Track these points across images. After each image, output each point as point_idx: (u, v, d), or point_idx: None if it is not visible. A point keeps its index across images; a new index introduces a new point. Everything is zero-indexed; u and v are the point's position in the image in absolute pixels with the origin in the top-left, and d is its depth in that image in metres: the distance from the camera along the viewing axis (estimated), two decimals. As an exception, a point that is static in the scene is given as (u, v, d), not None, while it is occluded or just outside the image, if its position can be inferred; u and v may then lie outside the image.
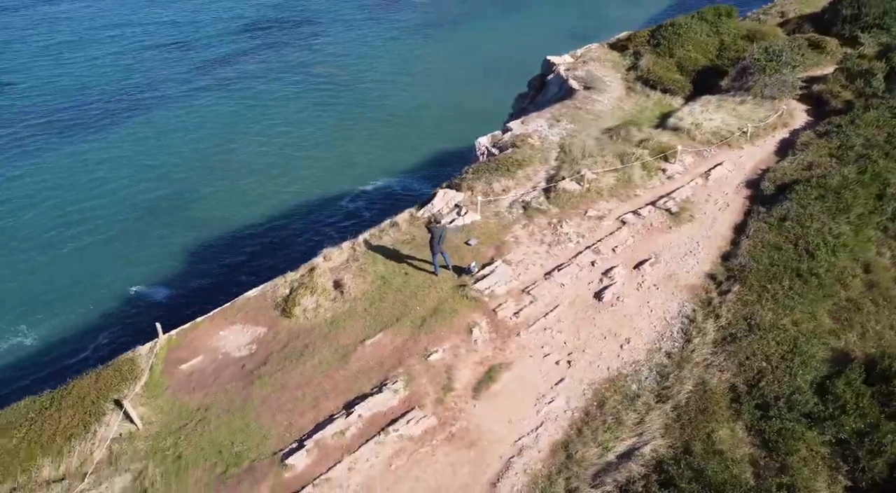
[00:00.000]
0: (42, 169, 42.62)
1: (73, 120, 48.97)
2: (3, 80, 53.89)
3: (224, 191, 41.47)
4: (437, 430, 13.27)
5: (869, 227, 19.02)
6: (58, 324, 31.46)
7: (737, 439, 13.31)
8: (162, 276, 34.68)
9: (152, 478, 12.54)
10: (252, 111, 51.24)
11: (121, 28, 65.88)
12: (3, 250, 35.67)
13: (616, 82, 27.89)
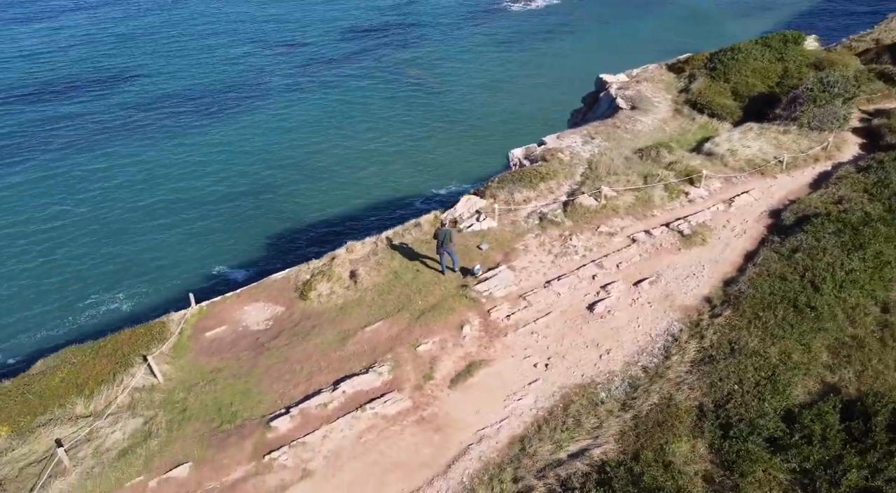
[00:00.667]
0: (155, 153, 46.62)
1: (185, 110, 53.00)
2: (130, 73, 58.87)
3: (309, 184, 43.70)
4: (410, 412, 14.52)
5: (892, 266, 18.79)
6: (143, 291, 34.56)
7: (696, 454, 13.82)
8: (244, 259, 37.27)
9: (158, 424, 14.44)
10: (344, 110, 53.66)
11: (236, 25, 70.36)
12: (117, 222, 39.46)
13: (664, 103, 28.18)
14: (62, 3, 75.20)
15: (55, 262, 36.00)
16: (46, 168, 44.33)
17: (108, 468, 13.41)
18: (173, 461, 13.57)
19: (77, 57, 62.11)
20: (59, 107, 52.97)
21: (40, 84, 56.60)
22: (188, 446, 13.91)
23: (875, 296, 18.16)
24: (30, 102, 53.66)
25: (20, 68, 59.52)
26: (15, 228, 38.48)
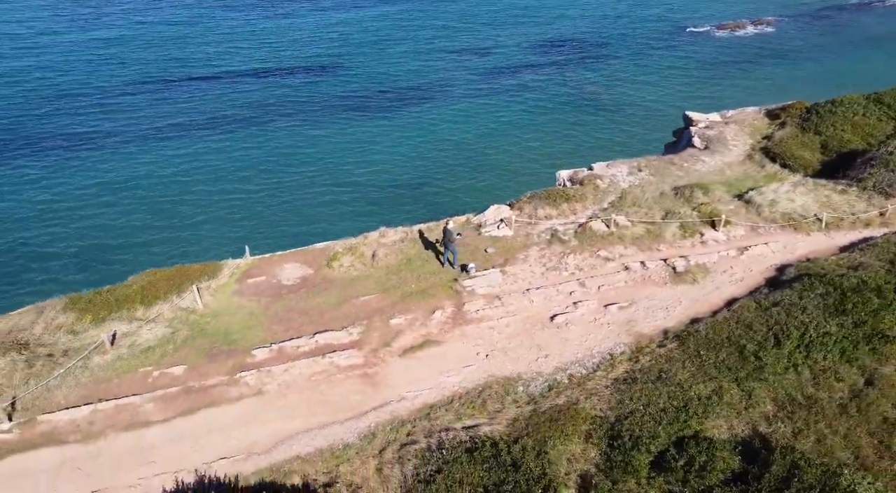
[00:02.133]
0: (337, 141, 52.55)
1: (371, 104, 58.55)
2: (333, 71, 65.89)
3: (465, 184, 46.65)
4: (358, 367, 17.65)
5: (882, 340, 18.53)
6: (233, 239, 40.07)
7: (585, 456, 15.57)
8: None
9: (179, 336, 18.89)
10: (514, 120, 55.71)
11: (432, 30, 75.55)
12: (286, 192, 46.21)
13: (740, 148, 28.32)
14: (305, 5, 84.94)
15: (177, 215, 43.16)
16: (219, 143, 52.20)
17: (132, 356, 18.06)
18: (176, 361, 17.90)
19: (290, 49, 70.35)
20: (272, 90, 60.67)
21: (265, 68, 64.98)
22: (191, 355, 18.19)
23: (862, 365, 18.20)
24: (241, 83, 62.11)
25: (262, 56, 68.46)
26: (159, 187, 46.44)
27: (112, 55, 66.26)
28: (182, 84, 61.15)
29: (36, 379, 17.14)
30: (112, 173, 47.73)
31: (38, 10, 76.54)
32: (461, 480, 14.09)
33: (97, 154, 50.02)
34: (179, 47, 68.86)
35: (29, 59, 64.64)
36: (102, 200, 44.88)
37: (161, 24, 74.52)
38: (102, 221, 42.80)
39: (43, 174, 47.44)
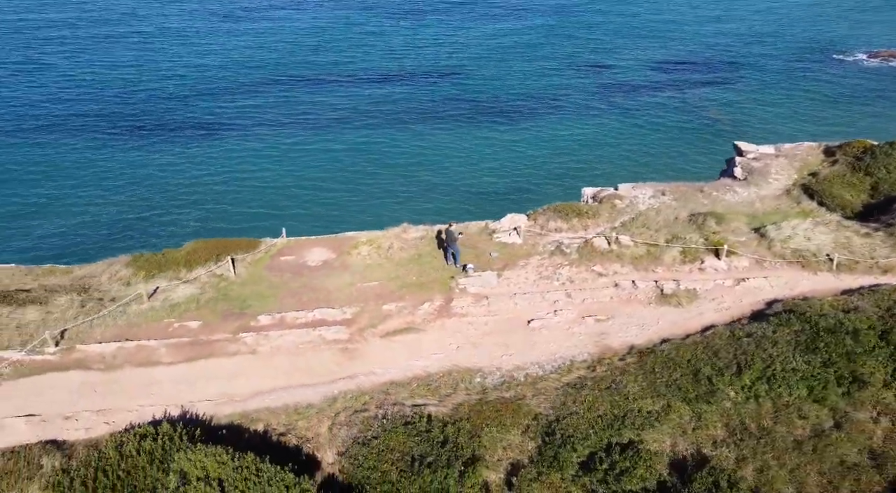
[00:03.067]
0: (439, 144, 54.79)
1: (481, 112, 59.70)
2: (450, 78, 67.62)
3: (553, 192, 47.04)
4: (341, 342, 19.88)
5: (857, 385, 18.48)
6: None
7: (523, 447, 16.98)
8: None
9: (203, 297, 21.91)
10: (623, 137, 55.02)
11: (555, 45, 75.42)
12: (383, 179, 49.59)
13: (781, 182, 28.05)
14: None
15: (272, 199, 47.14)
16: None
17: (162, 309, 21.28)
18: (195, 317, 20.90)
19: (421, 54, 73.42)
20: (390, 93, 63.41)
21: (388, 73, 68.00)
22: (207, 313, 21.15)
23: (833, 406, 18.33)
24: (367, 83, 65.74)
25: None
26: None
27: (252, 55, 71.25)
28: (308, 84, 65.19)
29: (84, 316, 20.69)
30: (226, 158, 52.50)
31: (203, 16, 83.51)
32: (391, 447, 15.97)
33: (219, 142, 54.69)
34: (312, 50, 72.93)
35: (183, 57, 71.19)
36: (210, 181, 49.69)
37: (300, 29, 79.31)
38: (206, 198, 47.52)
39: (171, 155, 52.70)
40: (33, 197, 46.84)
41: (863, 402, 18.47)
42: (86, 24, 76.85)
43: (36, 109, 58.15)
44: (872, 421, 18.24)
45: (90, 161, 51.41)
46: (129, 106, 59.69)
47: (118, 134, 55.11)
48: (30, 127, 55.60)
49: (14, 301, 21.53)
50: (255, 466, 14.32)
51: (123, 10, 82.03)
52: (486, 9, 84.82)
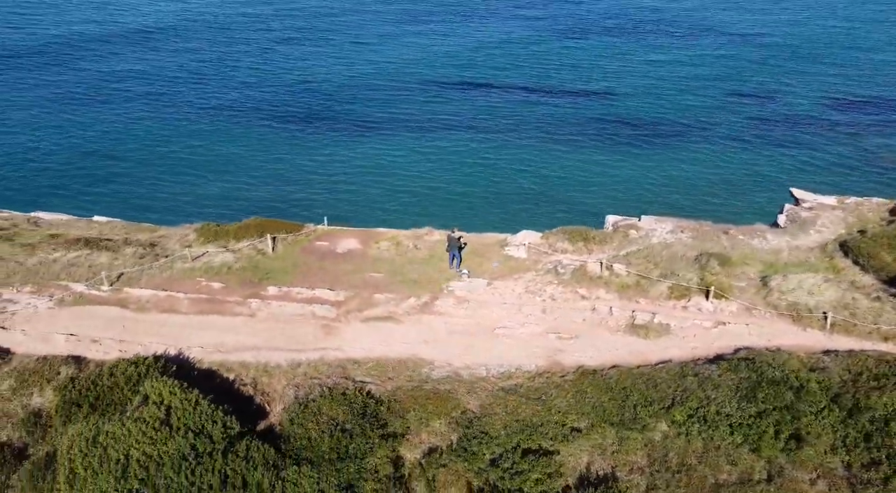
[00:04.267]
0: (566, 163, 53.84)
1: (621, 133, 57.83)
2: (596, 97, 65.89)
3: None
4: (326, 319, 22.65)
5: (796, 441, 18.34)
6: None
7: (445, 435, 18.87)
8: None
9: (236, 265, 25.61)
10: (762, 172, 51.83)
11: (724, 69, 70.61)
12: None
13: (822, 235, 26.95)
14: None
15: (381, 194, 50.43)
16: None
17: (199, 270, 25.26)
18: (220, 280, 24.64)
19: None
20: (538, 106, 63.17)
21: (539, 86, 67.58)
22: (232, 278, 24.81)
23: (771, 459, 18.41)
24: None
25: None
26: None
27: (415, 61, 73.30)
28: (461, 91, 65.72)
29: (139, 266, 25.18)
30: (364, 154, 54.45)
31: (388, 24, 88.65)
32: (322, 411, 18.51)
33: (363, 139, 57.00)
34: (468, 59, 73.81)
35: (352, 58, 74.52)
36: (338, 173, 51.68)
37: (467, 39, 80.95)
38: (331, 187, 49.95)
39: (318, 145, 55.87)
40: (188, 164, 52.30)
41: (804, 462, 18.30)
42: (277, 25, 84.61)
43: (221, 95, 64.15)
44: (809, 483, 18.09)
45: (246, 142, 55.96)
46: (294, 99, 63.82)
47: (279, 123, 59.09)
48: (210, 107, 61.50)
49: (96, 246, 26.57)
50: (197, 400, 17.47)
51: (311, 14, 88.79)
52: (658, 34, 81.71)
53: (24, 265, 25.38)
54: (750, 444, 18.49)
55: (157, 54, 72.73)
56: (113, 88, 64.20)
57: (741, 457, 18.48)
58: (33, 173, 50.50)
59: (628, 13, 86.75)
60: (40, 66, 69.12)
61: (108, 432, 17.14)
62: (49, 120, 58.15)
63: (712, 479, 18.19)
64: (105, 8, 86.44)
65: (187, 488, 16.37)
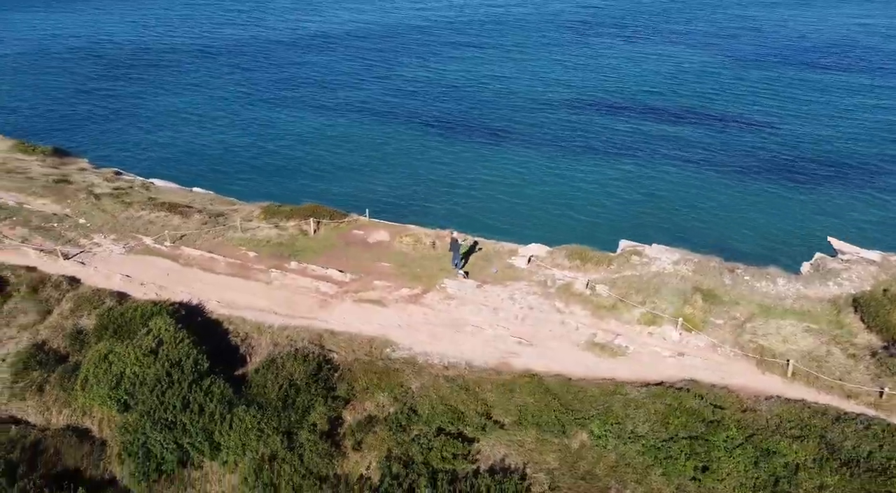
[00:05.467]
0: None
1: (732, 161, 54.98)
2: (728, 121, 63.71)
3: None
4: (326, 295, 25.89)
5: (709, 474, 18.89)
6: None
7: (385, 407, 21.45)
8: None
9: (276, 240, 29.63)
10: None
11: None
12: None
13: (842, 289, 25.92)
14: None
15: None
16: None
17: (245, 240, 29.57)
18: (256, 251, 28.73)
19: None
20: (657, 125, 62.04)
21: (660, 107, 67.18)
22: (266, 250, 28.81)
23: (681, 485, 19.19)
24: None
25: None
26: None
27: (566, 77, 74.48)
28: (608, 112, 65.52)
29: (199, 231, 29.99)
30: (494, 164, 55.01)
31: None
32: (282, 368, 21.78)
33: (497, 148, 57.64)
34: (618, 79, 73.52)
35: (505, 69, 77.08)
36: (459, 177, 53.85)
37: (632, 59, 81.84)
38: (451, 190, 51.36)
39: (450, 149, 57.35)
40: (325, 161, 55.12)
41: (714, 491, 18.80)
42: (439, 32, 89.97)
43: (373, 97, 68.10)
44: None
45: (383, 141, 58.41)
46: (440, 104, 66.54)
47: (420, 126, 61.71)
48: (363, 109, 65.04)
49: (174, 211, 31.85)
50: (182, 338, 21.42)
51: (472, 25, 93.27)
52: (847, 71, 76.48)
53: (116, 218, 31.15)
54: (661, 466, 19.24)
55: (326, 57, 79.59)
56: (282, 89, 69.96)
57: (650, 478, 19.29)
58: (195, 155, 55.09)
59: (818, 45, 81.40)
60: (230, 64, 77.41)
61: (115, 352, 21.53)
62: (219, 113, 63.73)
63: (606, 487, 19.22)
64: (295, 13, 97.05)
65: (157, 405, 20.28)
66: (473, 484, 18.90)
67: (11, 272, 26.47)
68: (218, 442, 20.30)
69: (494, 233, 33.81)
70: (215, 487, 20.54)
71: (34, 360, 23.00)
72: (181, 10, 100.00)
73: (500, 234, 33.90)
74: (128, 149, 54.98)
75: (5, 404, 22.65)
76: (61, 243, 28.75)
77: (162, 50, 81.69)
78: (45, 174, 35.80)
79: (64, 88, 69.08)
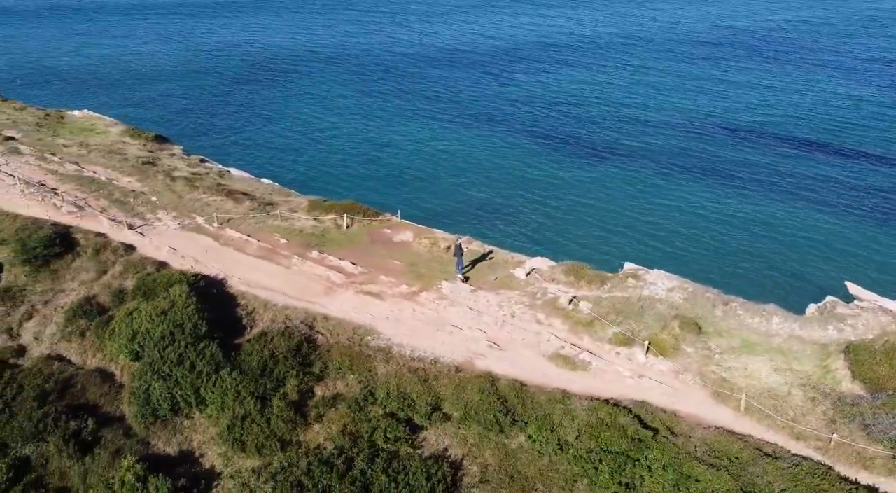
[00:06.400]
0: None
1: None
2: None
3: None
4: (333, 283, 28.49)
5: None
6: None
7: (352, 387, 23.74)
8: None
9: (310, 231, 32.68)
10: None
11: None
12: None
13: (841, 335, 25.18)
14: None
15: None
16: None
17: (282, 228, 32.87)
18: (287, 238, 31.87)
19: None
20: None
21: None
22: (297, 239, 31.87)
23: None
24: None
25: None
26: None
27: (693, 100, 74.72)
28: (712, 135, 65.67)
29: (245, 216, 33.64)
30: (595, 181, 56.40)
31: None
32: (270, 341, 24.59)
33: (602, 165, 59.45)
34: (749, 105, 72.98)
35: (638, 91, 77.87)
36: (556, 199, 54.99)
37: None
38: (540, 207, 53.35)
39: (554, 163, 59.10)
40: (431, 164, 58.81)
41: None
42: (563, 50, 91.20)
43: (489, 111, 70.96)
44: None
45: (484, 153, 60.82)
46: (554, 118, 68.25)
47: (529, 136, 63.79)
48: (489, 119, 68.22)
49: (230, 196, 35.82)
50: (189, 304, 24.72)
51: (613, 45, 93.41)
52: None
53: (182, 199, 35.52)
54: (587, 477, 20.13)
55: (444, 71, 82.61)
56: (397, 98, 74.11)
57: (576, 487, 20.25)
58: (293, 153, 59.80)
59: None
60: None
61: (138, 310, 25.24)
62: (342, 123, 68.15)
63: (531, 490, 20.35)
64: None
65: (158, 358, 23.68)
66: (407, 465, 20.67)
67: (84, 236, 31.18)
68: (204, 397, 23.35)
69: (572, 256, 34.78)
70: (199, 436, 23.58)
71: (82, 310, 27.22)
72: (323, 21, 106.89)
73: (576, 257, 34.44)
74: (227, 142, 60.99)
75: (56, 343, 27.00)
76: (130, 216, 33.35)
77: (297, 56, 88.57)
78: (139, 157, 41.14)
79: (197, 86, 76.99)
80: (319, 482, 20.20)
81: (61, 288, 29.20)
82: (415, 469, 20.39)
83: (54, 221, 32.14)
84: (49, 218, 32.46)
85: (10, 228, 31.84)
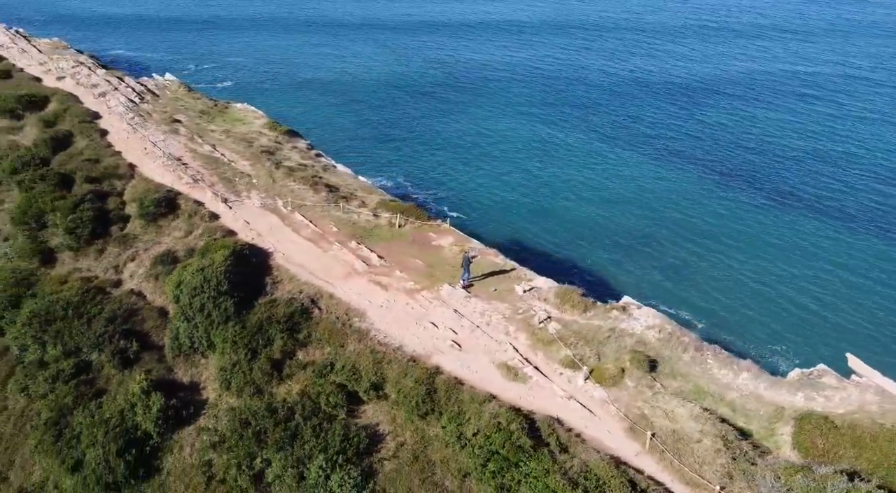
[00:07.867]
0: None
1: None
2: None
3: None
4: (353, 270, 32.46)
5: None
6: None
7: (328, 357, 27.68)
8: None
9: (364, 225, 37.02)
10: None
11: None
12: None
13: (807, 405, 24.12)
14: None
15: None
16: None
17: (339, 219, 37.54)
18: (341, 227, 36.42)
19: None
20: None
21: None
22: (348, 229, 36.30)
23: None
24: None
25: None
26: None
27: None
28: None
29: (315, 205, 38.87)
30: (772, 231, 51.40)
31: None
32: (276, 307, 29.22)
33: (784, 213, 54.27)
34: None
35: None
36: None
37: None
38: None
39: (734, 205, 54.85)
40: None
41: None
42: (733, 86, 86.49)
43: (662, 133, 69.41)
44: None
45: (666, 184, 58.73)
46: (734, 156, 64.37)
47: (705, 173, 60.62)
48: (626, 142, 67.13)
49: (313, 186, 41.30)
50: (219, 264, 30.12)
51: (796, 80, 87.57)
52: None
53: (275, 184, 41.73)
54: (477, 473, 22.14)
55: (628, 101, 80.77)
56: (568, 129, 70.52)
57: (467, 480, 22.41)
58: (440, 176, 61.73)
59: None
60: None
61: (190, 264, 31.20)
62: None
63: (430, 473, 22.77)
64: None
65: (187, 304, 29.30)
66: (333, 428, 24.05)
67: (185, 202, 38.31)
68: (213, 342, 28.53)
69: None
70: (206, 372, 28.86)
71: (160, 259, 33.96)
72: (520, 42, 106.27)
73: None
74: (361, 147, 65.37)
75: (140, 282, 33.98)
76: (229, 192, 40.09)
77: (473, 76, 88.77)
78: (262, 146, 48.39)
79: (363, 96, 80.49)
80: (260, 423, 24.31)
81: (159, 240, 36.37)
82: (335, 431, 23.70)
83: (171, 188, 39.72)
84: (170, 185, 40.15)
85: (143, 190, 39.95)
